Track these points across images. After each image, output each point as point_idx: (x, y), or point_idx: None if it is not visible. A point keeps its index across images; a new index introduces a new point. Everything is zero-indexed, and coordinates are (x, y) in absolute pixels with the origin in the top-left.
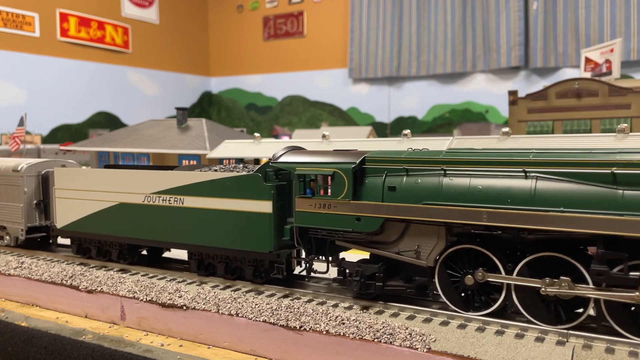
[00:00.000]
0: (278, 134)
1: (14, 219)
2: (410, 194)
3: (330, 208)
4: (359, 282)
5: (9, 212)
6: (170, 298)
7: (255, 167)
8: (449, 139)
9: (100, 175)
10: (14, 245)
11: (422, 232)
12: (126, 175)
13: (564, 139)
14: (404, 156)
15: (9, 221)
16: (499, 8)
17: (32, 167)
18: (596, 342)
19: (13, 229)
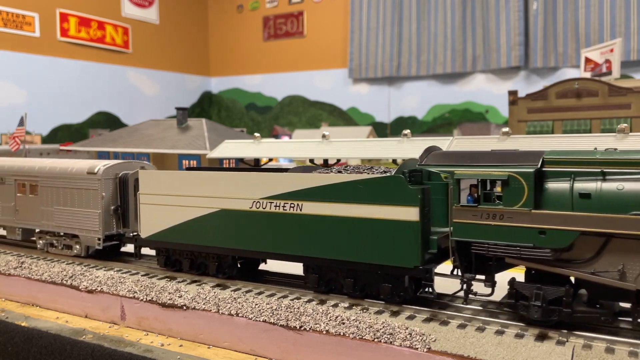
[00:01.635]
0: (278, 134)
1: (89, 226)
2: (613, 203)
3: (503, 219)
4: (541, 308)
5: (82, 218)
6: (170, 298)
7: (386, 168)
8: (449, 139)
9: (196, 178)
10: (84, 256)
11: (629, 249)
12: (229, 179)
13: (564, 139)
14: (599, 157)
15: (82, 229)
16: (499, 8)
17: (109, 169)
18: (596, 342)
19: (87, 237)
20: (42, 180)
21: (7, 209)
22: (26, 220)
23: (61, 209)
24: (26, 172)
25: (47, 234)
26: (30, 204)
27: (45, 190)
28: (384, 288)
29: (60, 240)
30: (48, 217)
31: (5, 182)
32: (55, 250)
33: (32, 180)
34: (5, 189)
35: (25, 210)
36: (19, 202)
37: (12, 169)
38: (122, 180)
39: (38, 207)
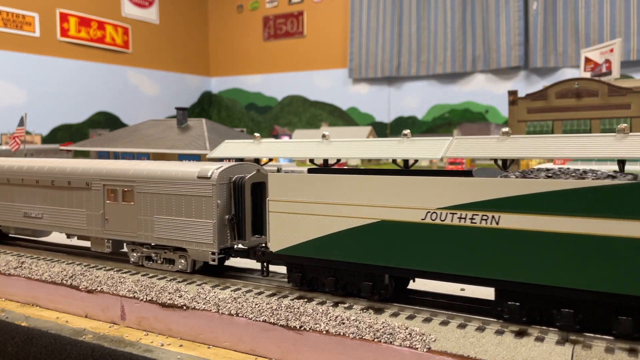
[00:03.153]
0: (278, 134)
1: (200, 238)
2: None
3: None
4: None
5: (191, 229)
6: (170, 298)
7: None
8: (448, 139)
9: (347, 183)
10: (191, 272)
11: None
12: (393, 184)
13: (564, 139)
14: None
15: (192, 241)
16: (499, 8)
17: (224, 172)
18: (596, 342)
19: (198, 251)
20: (139, 185)
21: (94, 217)
22: (118, 230)
23: (163, 218)
24: (118, 177)
25: (143, 246)
26: (123, 213)
27: (143, 197)
28: (621, 323)
29: (160, 253)
30: (146, 227)
31: (92, 188)
32: (153, 264)
33: (125, 185)
34: (91, 195)
35: (117, 220)
36: (109, 210)
37: (100, 173)
38: (237, 185)
39: (133, 216)
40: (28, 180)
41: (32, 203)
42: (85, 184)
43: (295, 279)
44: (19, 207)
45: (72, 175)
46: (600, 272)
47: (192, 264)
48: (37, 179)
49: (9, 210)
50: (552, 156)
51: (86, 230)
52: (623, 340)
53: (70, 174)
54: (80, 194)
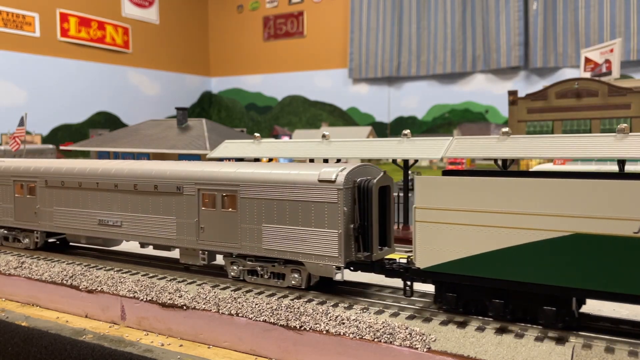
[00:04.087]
0: (278, 134)
1: (322, 250)
2: None
3: None
4: None
5: (310, 240)
6: (170, 298)
7: None
8: (448, 139)
9: (525, 188)
10: (305, 288)
11: None
12: (592, 189)
13: (564, 139)
14: None
15: (310, 254)
16: (499, 8)
17: (349, 175)
18: (596, 342)
19: (318, 265)
20: (243, 190)
21: (186, 226)
22: (215, 240)
23: (274, 227)
24: (217, 180)
25: (246, 258)
26: (222, 221)
27: (249, 204)
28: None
29: (267, 267)
30: (252, 237)
31: (184, 193)
32: (257, 279)
33: (226, 190)
34: (183, 201)
35: (215, 229)
36: (205, 218)
37: (194, 176)
38: (363, 189)
39: (235, 225)
40: (105, 184)
41: (110, 209)
42: (176, 188)
43: (448, 301)
44: (93, 213)
45: (160, 178)
46: None
47: (308, 279)
48: (115, 183)
49: (80, 217)
50: (552, 156)
51: (176, 240)
52: (623, 341)
53: (157, 177)
54: (169, 200)
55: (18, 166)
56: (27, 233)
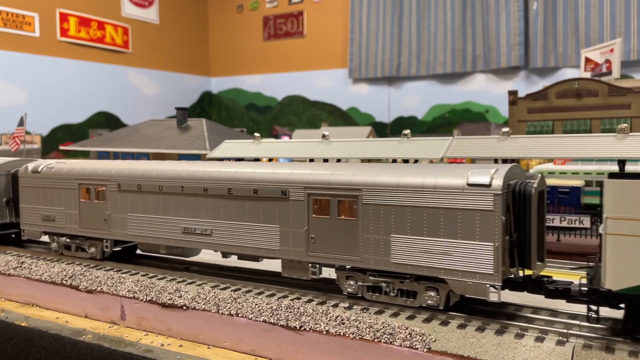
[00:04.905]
0: (278, 134)
1: (471, 266)
2: None
3: None
4: None
5: (455, 254)
6: (170, 298)
7: None
8: (448, 139)
9: None
10: (443, 309)
11: None
12: None
13: (564, 139)
14: None
15: (456, 270)
16: (499, 8)
17: (505, 178)
18: (596, 342)
19: (465, 284)
20: (366, 195)
21: (293, 235)
22: (329, 252)
23: (407, 238)
24: (333, 184)
25: (367, 273)
26: (339, 230)
27: (373, 210)
28: None
29: (394, 283)
30: (377, 249)
31: (290, 198)
32: (381, 297)
33: (344, 195)
34: (289, 207)
35: (329, 239)
36: (317, 226)
37: (303, 179)
38: (520, 194)
39: (355, 235)
40: (191, 188)
41: (197, 216)
42: (280, 193)
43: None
44: (176, 221)
45: (261, 182)
46: None
47: (447, 298)
48: (205, 187)
49: (160, 224)
50: (552, 156)
51: (279, 252)
52: (623, 341)
53: (257, 181)
54: (271, 206)
55: (84, 168)
56: (94, 242)
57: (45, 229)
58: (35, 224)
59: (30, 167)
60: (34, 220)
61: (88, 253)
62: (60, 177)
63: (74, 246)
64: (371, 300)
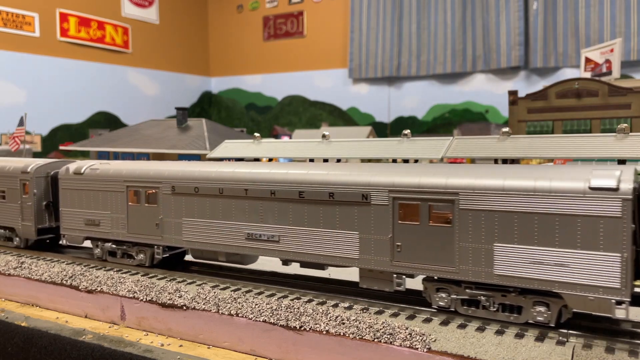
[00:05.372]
0: (278, 134)
1: (594, 279)
2: None
3: None
4: None
5: (570, 266)
6: (170, 298)
7: None
8: (448, 139)
9: None
10: (554, 327)
11: None
12: None
13: (564, 139)
14: None
15: (573, 283)
16: (499, 8)
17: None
18: (596, 342)
19: (585, 299)
20: (463, 199)
21: (375, 243)
22: (418, 262)
23: (514, 248)
24: (423, 187)
25: (462, 285)
26: (430, 238)
27: (472, 217)
28: None
29: (495, 297)
30: (476, 260)
31: (371, 202)
32: (478, 312)
33: (437, 200)
34: (370, 212)
35: (417, 248)
36: (403, 234)
37: (387, 181)
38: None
39: (451, 244)
40: (257, 192)
41: (263, 221)
42: (361, 197)
43: None
44: (239, 226)
45: (338, 185)
46: None
47: (558, 314)
48: (272, 190)
49: (220, 230)
50: (552, 156)
51: (358, 261)
52: (623, 341)
53: (334, 184)
54: (349, 211)
55: (132, 169)
56: (142, 248)
57: (89, 234)
58: (77, 229)
59: (71, 168)
60: (76, 224)
61: (136, 260)
62: (106, 179)
63: (119, 252)
64: (467, 315)
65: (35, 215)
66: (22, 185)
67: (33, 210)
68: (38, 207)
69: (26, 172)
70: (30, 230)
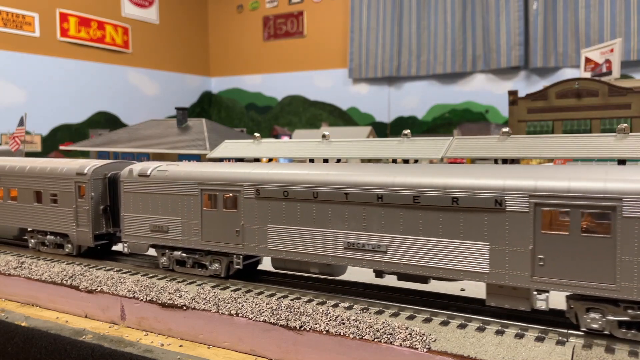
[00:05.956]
0: (278, 134)
1: None
2: None
3: None
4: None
5: None
6: (170, 298)
7: None
8: (448, 139)
9: None
10: None
11: None
12: None
13: (564, 139)
14: None
15: None
16: (499, 8)
17: None
18: (596, 342)
19: None
20: (630, 207)
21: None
22: (567, 278)
23: None
24: (574, 192)
25: (619, 304)
26: (582, 251)
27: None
28: None
29: None
30: None
31: (506, 209)
32: None
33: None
34: (504, 220)
35: (566, 261)
36: (547, 246)
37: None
38: None
39: (610, 258)
40: (360, 196)
41: (367, 229)
42: (493, 202)
43: None
44: (337, 234)
45: (463, 189)
46: None
47: None
48: (380, 195)
49: (314, 238)
50: (552, 156)
51: (488, 275)
52: (623, 341)
53: (457, 188)
54: (477, 219)
55: (207, 171)
56: (218, 257)
57: (155, 242)
58: (142, 236)
59: (135, 170)
60: (140, 231)
61: (209, 270)
62: (177, 181)
63: (190, 261)
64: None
65: (92, 220)
66: (78, 187)
67: (90, 215)
68: (95, 211)
69: (82, 173)
70: (87, 236)
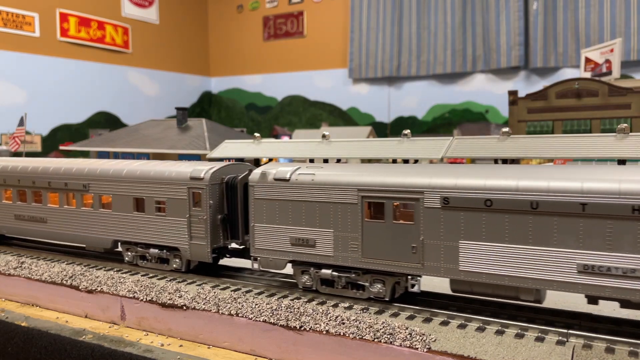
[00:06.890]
0: (278, 134)
1: None
2: None
3: None
4: None
5: None
6: (170, 298)
7: None
8: (448, 139)
9: None
10: None
11: None
12: None
13: (564, 139)
14: None
15: None
16: (499, 8)
17: None
18: (596, 342)
19: None
20: None
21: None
22: None
23: None
24: None
25: None
26: None
27: None
28: None
29: None
30: None
31: None
32: None
33: None
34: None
35: None
36: None
37: None
38: None
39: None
40: (599, 208)
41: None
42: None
43: None
44: (568, 254)
45: None
46: None
47: None
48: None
49: (530, 259)
50: (552, 156)
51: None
52: (623, 341)
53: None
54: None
55: (371, 176)
56: (380, 277)
57: (297, 257)
58: (279, 250)
59: (270, 173)
60: (277, 245)
61: (367, 292)
62: (329, 187)
63: (342, 282)
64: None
65: (210, 231)
66: (192, 194)
67: (208, 225)
68: (213, 221)
69: (199, 178)
70: (204, 250)
